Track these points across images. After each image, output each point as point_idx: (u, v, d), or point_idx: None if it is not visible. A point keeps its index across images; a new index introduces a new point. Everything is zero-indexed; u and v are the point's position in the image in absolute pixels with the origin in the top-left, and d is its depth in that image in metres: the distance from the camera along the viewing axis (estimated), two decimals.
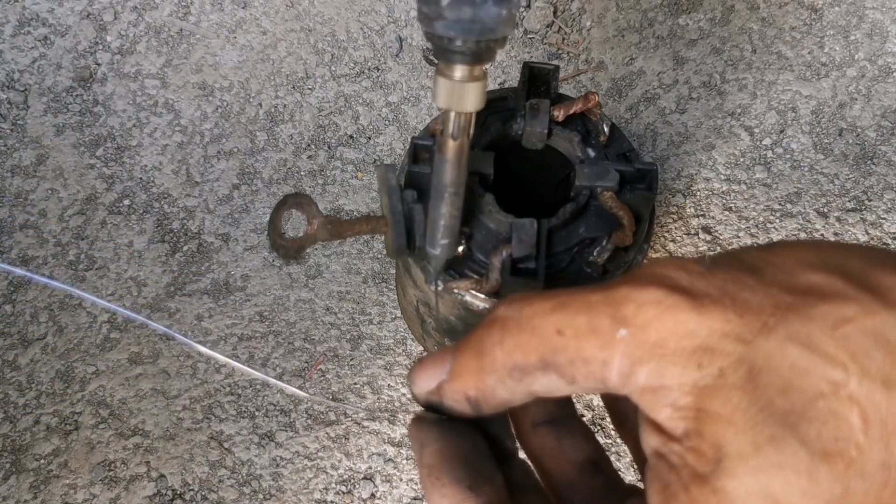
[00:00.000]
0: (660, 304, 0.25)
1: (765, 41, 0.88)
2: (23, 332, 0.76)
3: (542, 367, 0.27)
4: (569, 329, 0.26)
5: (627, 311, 0.25)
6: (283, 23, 0.88)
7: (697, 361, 0.25)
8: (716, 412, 0.24)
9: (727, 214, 0.82)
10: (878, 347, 0.23)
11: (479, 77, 0.41)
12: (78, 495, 0.71)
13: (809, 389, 0.23)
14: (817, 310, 0.24)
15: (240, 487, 0.71)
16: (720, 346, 0.24)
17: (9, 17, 0.87)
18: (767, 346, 0.24)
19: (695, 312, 0.25)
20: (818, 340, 0.24)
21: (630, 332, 0.25)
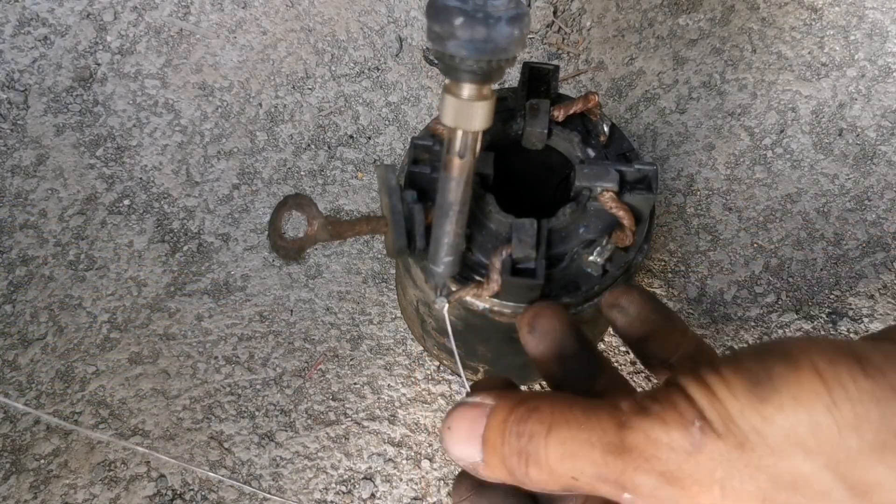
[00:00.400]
0: (654, 490, 0.27)
1: (765, 41, 0.88)
2: (23, 332, 0.76)
3: (567, 492, 0.31)
4: (581, 478, 0.29)
5: (626, 483, 0.28)
6: (283, 23, 0.88)
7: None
8: None
9: (727, 214, 0.82)
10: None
11: (488, 96, 0.41)
12: (78, 495, 0.71)
13: None
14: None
15: (240, 487, 0.71)
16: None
17: (9, 17, 0.87)
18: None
19: (685, 502, 0.27)
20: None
21: (633, 497, 0.28)
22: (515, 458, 0.30)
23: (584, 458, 0.29)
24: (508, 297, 0.52)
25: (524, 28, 0.38)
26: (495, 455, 0.31)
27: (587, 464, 0.29)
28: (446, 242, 0.47)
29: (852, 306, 0.78)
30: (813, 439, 0.25)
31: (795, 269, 0.79)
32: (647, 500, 0.28)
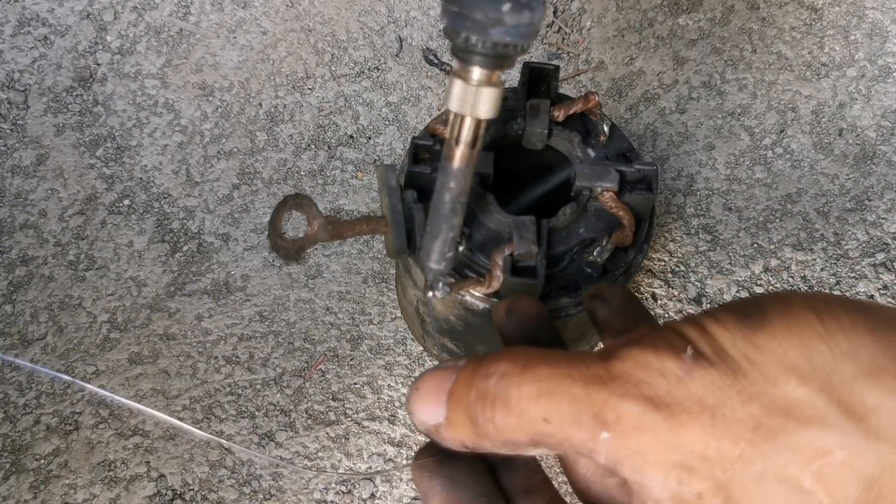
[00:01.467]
0: (639, 419, 0.26)
1: (765, 41, 0.88)
2: (23, 332, 0.76)
3: (533, 444, 0.28)
4: (554, 419, 0.27)
5: (608, 416, 0.26)
6: (283, 23, 0.88)
7: (677, 477, 0.25)
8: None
9: (727, 214, 0.82)
10: (854, 483, 0.23)
11: (497, 84, 0.40)
12: (78, 495, 0.71)
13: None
14: (796, 439, 0.24)
15: (240, 487, 0.71)
16: (698, 467, 0.25)
17: (9, 17, 0.87)
18: (744, 478, 0.24)
19: (673, 432, 0.25)
20: (795, 475, 0.24)
21: (611, 436, 0.26)
22: (481, 404, 0.28)
23: (562, 395, 0.26)
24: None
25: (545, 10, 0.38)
26: (459, 406, 0.29)
27: (565, 400, 0.26)
28: (451, 237, 0.45)
29: None
30: (806, 365, 0.25)
31: (795, 269, 0.79)
32: (628, 434, 0.26)
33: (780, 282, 0.79)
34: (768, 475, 0.24)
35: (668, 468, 0.25)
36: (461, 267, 0.53)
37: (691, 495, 0.25)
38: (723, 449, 0.25)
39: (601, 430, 0.26)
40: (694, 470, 0.25)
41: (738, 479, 0.24)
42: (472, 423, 0.29)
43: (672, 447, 0.25)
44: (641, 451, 0.26)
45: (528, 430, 0.27)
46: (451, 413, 0.29)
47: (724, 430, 0.25)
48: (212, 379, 0.75)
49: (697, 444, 0.25)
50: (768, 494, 0.24)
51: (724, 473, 0.25)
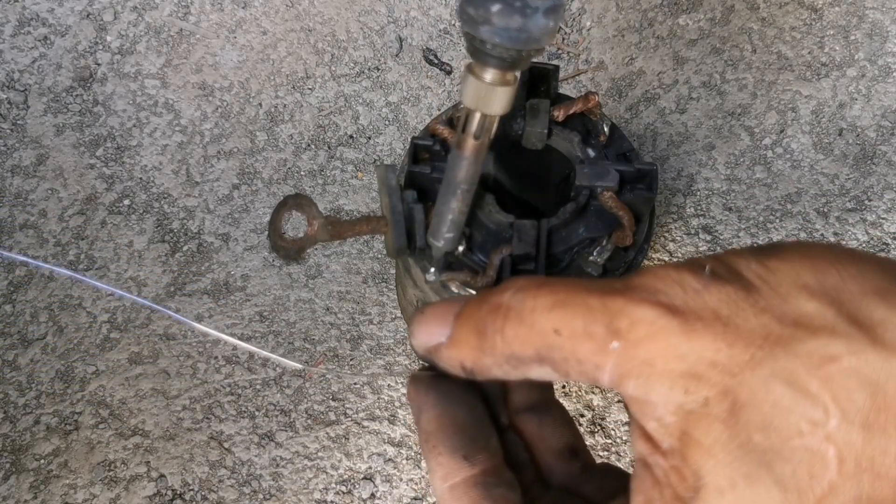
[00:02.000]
0: (652, 325, 0.26)
1: (765, 41, 0.88)
2: (23, 332, 0.76)
3: (538, 360, 0.27)
4: (566, 330, 0.27)
5: (621, 324, 0.26)
6: (283, 23, 0.88)
7: (684, 386, 0.25)
8: (698, 440, 0.25)
9: (727, 214, 0.82)
10: (860, 389, 0.23)
11: (511, 82, 0.40)
12: (78, 495, 0.71)
13: (789, 428, 0.24)
14: (805, 346, 0.24)
15: (240, 487, 0.71)
16: (707, 374, 0.25)
17: (9, 17, 0.87)
18: (753, 382, 0.25)
19: (685, 337, 0.25)
20: (802, 379, 0.24)
21: (622, 345, 0.26)
22: (492, 315, 0.28)
23: (577, 304, 0.26)
24: None
25: (559, 19, 0.38)
26: (468, 322, 0.29)
27: (580, 310, 0.26)
28: (450, 219, 0.47)
29: None
30: (817, 283, 0.25)
31: None
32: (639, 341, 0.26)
33: None
34: (776, 379, 0.24)
35: (675, 378, 0.25)
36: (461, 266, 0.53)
37: (696, 403, 0.25)
38: (733, 354, 0.25)
39: (612, 340, 0.26)
40: (702, 377, 0.25)
41: (746, 383, 0.24)
42: (478, 336, 0.28)
43: (682, 355, 0.25)
44: (650, 360, 0.26)
45: (536, 341, 0.27)
46: (457, 331, 0.29)
47: (736, 338, 0.25)
48: (212, 379, 0.75)
49: (708, 351, 0.25)
50: (775, 398, 0.24)
51: (732, 379, 0.25)
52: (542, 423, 0.35)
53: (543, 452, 0.35)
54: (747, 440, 0.24)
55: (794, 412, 0.24)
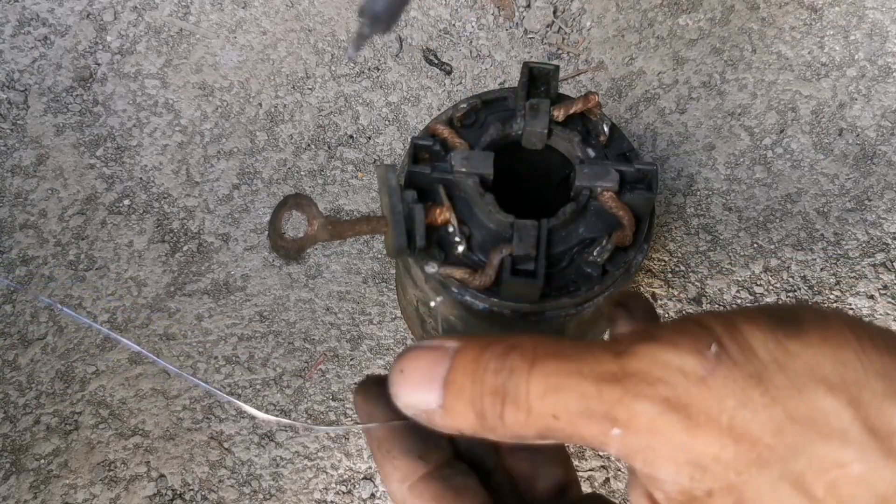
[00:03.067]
0: (652, 420, 0.25)
1: (765, 41, 0.88)
2: (23, 332, 0.76)
3: (541, 437, 0.27)
4: (564, 415, 0.26)
5: (619, 415, 0.25)
6: (283, 23, 0.88)
7: (689, 474, 0.25)
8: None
9: (727, 214, 0.82)
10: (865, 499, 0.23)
11: None
12: (78, 495, 0.71)
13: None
14: (815, 449, 0.24)
15: (240, 487, 0.71)
16: (712, 468, 0.25)
17: (9, 17, 0.87)
18: (758, 482, 0.24)
19: (688, 433, 0.25)
20: (809, 483, 0.24)
21: (623, 432, 0.25)
22: (489, 399, 0.27)
23: (571, 391, 0.25)
24: (508, 297, 0.52)
25: None
26: (460, 398, 0.27)
27: (574, 397, 0.25)
28: None
29: (852, 306, 0.78)
30: (838, 378, 0.24)
31: (795, 269, 0.79)
32: (640, 434, 0.25)
33: (780, 282, 0.79)
34: (783, 481, 0.24)
35: (680, 465, 0.25)
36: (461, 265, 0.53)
37: (701, 492, 0.25)
38: (739, 452, 0.24)
39: (612, 428, 0.25)
40: (707, 470, 0.25)
41: (752, 482, 0.24)
42: (477, 417, 0.28)
43: (685, 447, 0.25)
44: (653, 448, 0.25)
45: (536, 425, 0.27)
46: (451, 402, 0.28)
47: (743, 434, 0.24)
48: (212, 379, 0.75)
49: (713, 447, 0.24)
50: (780, 499, 0.24)
51: (737, 476, 0.24)
52: (536, 462, 0.34)
53: (534, 490, 0.34)
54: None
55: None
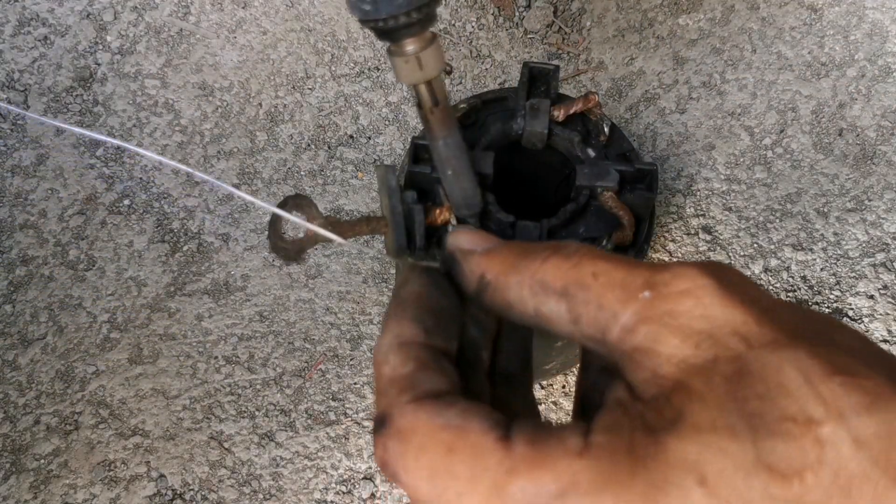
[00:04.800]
0: (692, 281, 0.26)
1: (765, 41, 0.88)
2: (23, 332, 0.76)
3: (561, 294, 0.27)
4: (603, 276, 0.27)
5: (662, 277, 0.26)
6: (283, 23, 0.88)
7: (696, 342, 0.25)
8: (692, 387, 0.24)
9: (727, 214, 0.82)
10: (868, 411, 0.23)
11: (431, 39, 0.41)
12: (78, 495, 0.71)
13: (785, 410, 0.23)
14: (831, 356, 0.24)
15: (240, 487, 0.71)
16: (725, 339, 0.25)
17: (9, 17, 0.87)
18: (768, 358, 0.24)
19: (720, 301, 0.25)
20: (816, 377, 0.24)
21: (653, 294, 0.26)
22: (542, 248, 0.28)
23: (624, 261, 0.27)
24: None
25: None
26: (515, 246, 0.29)
27: (624, 264, 0.27)
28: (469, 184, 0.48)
29: (852, 306, 0.78)
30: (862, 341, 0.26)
31: (795, 269, 0.79)
32: (668, 298, 0.25)
33: (780, 282, 0.79)
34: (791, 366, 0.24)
35: (691, 333, 0.25)
36: None
37: (703, 359, 0.25)
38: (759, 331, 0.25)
39: (645, 290, 0.26)
40: (719, 341, 0.25)
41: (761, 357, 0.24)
42: (520, 255, 0.29)
43: (709, 316, 0.25)
44: (673, 313, 0.25)
45: (570, 276, 0.27)
46: (500, 247, 0.30)
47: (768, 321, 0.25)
48: (212, 379, 0.75)
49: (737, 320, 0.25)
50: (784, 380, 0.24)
51: (748, 349, 0.24)
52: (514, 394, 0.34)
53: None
54: (743, 400, 0.24)
55: (797, 400, 0.23)
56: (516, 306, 0.29)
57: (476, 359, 0.33)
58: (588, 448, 0.24)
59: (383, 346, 0.30)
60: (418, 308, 0.31)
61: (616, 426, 0.25)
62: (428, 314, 0.31)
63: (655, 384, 0.25)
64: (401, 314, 0.31)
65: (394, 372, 0.29)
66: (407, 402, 0.27)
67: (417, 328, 0.30)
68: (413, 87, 0.43)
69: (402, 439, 0.27)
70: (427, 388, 0.28)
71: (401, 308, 0.31)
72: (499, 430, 0.26)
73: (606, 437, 0.25)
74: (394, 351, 0.30)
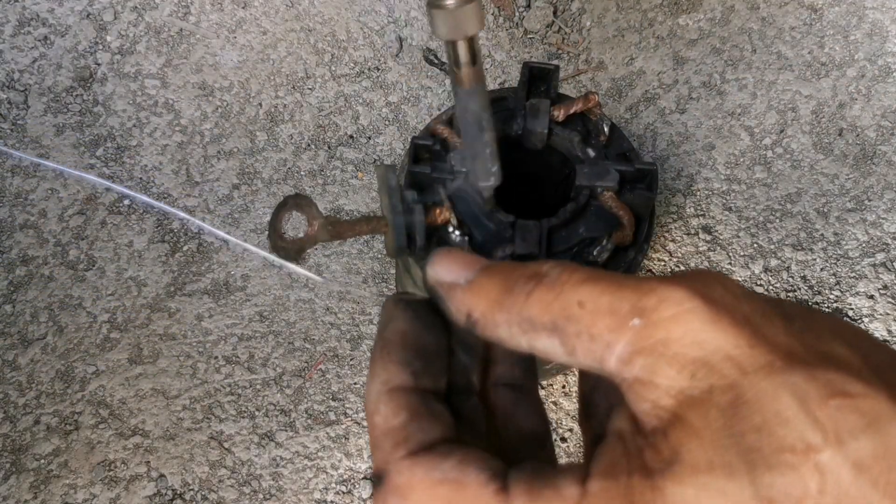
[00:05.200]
0: (679, 305, 0.25)
1: (765, 41, 0.88)
2: (23, 332, 0.76)
3: (551, 329, 0.27)
4: (590, 304, 0.26)
5: (649, 302, 0.25)
6: (283, 23, 0.88)
7: (692, 372, 0.25)
8: (688, 421, 0.24)
9: (727, 214, 0.82)
10: (865, 432, 0.23)
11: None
12: (78, 495, 0.71)
13: (783, 439, 0.23)
14: (826, 375, 0.24)
15: (240, 487, 0.71)
16: (720, 365, 0.25)
17: (9, 17, 0.87)
18: (763, 385, 0.24)
19: (709, 325, 0.25)
20: (812, 402, 0.23)
21: (642, 323, 0.25)
22: (525, 279, 0.27)
23: (609, 282, 0.26)
24: None
25: None
26: (493, 277, 0.28)
27: (609, 287, 0.26)
28: (488, 152, 0.47)
29: (852, 306, 0.78)
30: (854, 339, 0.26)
31: (795, 269, 0.79)
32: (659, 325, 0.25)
33: (780, 282, 0.79)
34: (787, 391, 0.24)
35: (685, 363, 0.25)
36: None
37: (699, 390, 0.24)
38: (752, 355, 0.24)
39: (634, 318, 0.25)
40: (714, 368, 0.24)
41: (756, 384, 0.24)
42: (503, 291, 0.28)
43: (700, 342, 0.25)
44: (665, 342, 0.25)
45: (556, 309, 0.27)
46: (482, 279, 0.29)
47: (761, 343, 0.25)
48: (212, 379, 0.75)
49: (728, 344, 0.25)
50: (780, 407, 0.23)
51: (743, 376, 0.24)
52: (518, 402, 0.34)
53: (509, 430, 0.34)
54: (740, 434, 0.23)
55: (794, 428, 0.23)
56: (508, 342, 0.29)
57: (468, 384, 0.33)
58: (585, 497, 0.24)
59: (372, 393, 0.30)
60: (404, 349, 0.31)
61: (614, 469, 0.25)
62: (415, 356, 0.31)
63: (656, 416, 0.25)
64: (387, 357, 0.30)
65: (386, 423, 0.29)
66: (402, 458, 0.27)
67: (405, 372, 0.30)
68: (450, 43, 0.43)
69: (400, 496, 0.27)
70: (421, 440, 0.28)
71: (386, 350, 0.31)
72: (496, 482, 0.26)
73: (603, 484, 0.25)
74: (383, 400, 0.29)
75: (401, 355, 0.30)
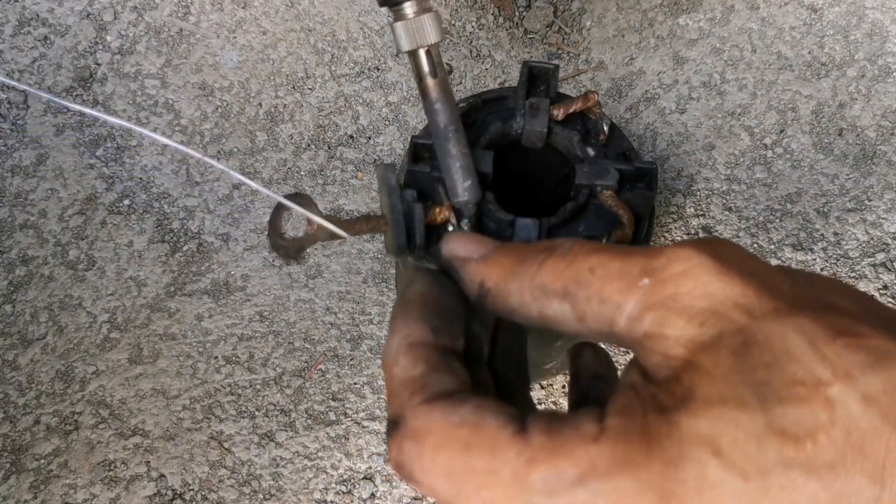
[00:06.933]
0: (688, 260, 0.26)
1: (765, 41, 0.88)
2: (23, 332, 0.76)
3: (562, 294, 0.28)
4: (601, 270, 0.27)
5: (658, 262, 0.26)
6: (283, 23, 0.88)
7: (701, 320, 0.25)
8: (701, 364, 0.25)
9: (727, 214, 0.82)
10: (873, 368, 0.23)
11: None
12: (78, 495, 0.71)
13: (793, 374, 0.24)
14: (832, 319, 0.24)
15: (240, 487, 0.71)
16: (728, 313, 0.25)
17: (9, 17, 0.87)
18: (771, 327, 0.25)
19: (718, 278, 0.26)
20: (821, 341, 0.24)
21: (651, 281, 0.26)
22: (537, 251, 0.29)
23: (619, 251, 0.27)
24: None
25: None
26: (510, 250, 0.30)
27: (619, 254, 0.27)
28: (458, 166, 0.47)
29: None
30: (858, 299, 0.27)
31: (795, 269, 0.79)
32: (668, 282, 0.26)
33: None
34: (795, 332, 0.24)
35: (695, 313, 0.25)
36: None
37: (709, 336, 0.25)
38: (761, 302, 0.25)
39: (643, 278, 0.26)
40: (723, 316, 0.25)
41: (765, 326, 0.25)
42: (516, 261, 0.29)
43: (709, 293, 0.25)
44: (675, 295, 0.26)
45: (568, 275, 0.28)
46: (496, 253, 0.30)
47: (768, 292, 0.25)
48: (212, 379, 0.75)
49: (737, 293, 0.25)
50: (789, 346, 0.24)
51: (752, 320, 0.25)
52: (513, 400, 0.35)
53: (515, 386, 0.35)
54: (750, 371, 0.24)
55: (804, 364, 0.23)
56: (519, 311, 0.29)
57: (480, 353, 0.33)
58: (603, 432, 0.25)
59: (392, 347, 0.30)
60: (424, 308, 0.31)
61: (629, 408, 0.26)
62: (434, 314, 0.31)
63: (666, 366, 0.26)
64: (407, 315, 0.31)
65: (405, 373, 0.29)
66: (420, 403, 0.28)
67: (425, 328, 0.30)
68: (412, 55, 0.43)
69: (417, 440, 0.27)
70: (439, 389, 0.28)
71: (407, 309, 0.31)
72: (515, 424, 0.26)
73: (620, 420, 0.25)
74: (403, 352, 0.30)
75: (421, 312, 0.31)
